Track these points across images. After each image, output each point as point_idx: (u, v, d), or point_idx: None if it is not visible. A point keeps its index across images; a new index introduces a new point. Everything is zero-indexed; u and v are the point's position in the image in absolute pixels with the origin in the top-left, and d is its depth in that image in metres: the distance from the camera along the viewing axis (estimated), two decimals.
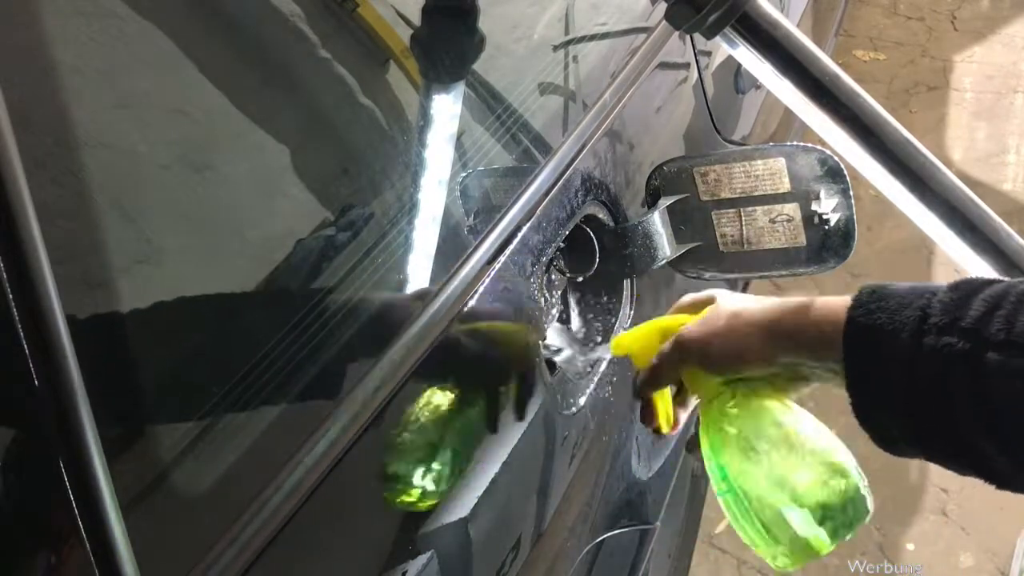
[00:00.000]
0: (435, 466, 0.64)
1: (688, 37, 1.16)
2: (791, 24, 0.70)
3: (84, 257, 0.48)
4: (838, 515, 0.58)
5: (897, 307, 0.53)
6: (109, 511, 0.43)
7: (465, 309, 0.69)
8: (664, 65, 1.10)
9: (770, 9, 0.69)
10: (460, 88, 0.80)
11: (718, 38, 0.71)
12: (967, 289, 0.52)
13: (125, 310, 0.49)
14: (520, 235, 0.77)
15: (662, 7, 0.72)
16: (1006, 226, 0.69)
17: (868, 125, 0.69)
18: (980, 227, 0.68)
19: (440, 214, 0.73)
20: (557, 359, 0.87)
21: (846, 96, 0.69)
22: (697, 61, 1.21)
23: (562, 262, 0.92)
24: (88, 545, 0.42)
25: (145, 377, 0.50)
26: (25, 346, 0.40)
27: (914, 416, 0.52)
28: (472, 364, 0.72)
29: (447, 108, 0.79)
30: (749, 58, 0.71)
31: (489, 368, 0.74)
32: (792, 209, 0.87)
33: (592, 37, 1.07)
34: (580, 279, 0.95)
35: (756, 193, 0.87)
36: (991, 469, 0.50)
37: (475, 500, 0.67)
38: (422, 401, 0.65)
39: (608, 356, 0.89)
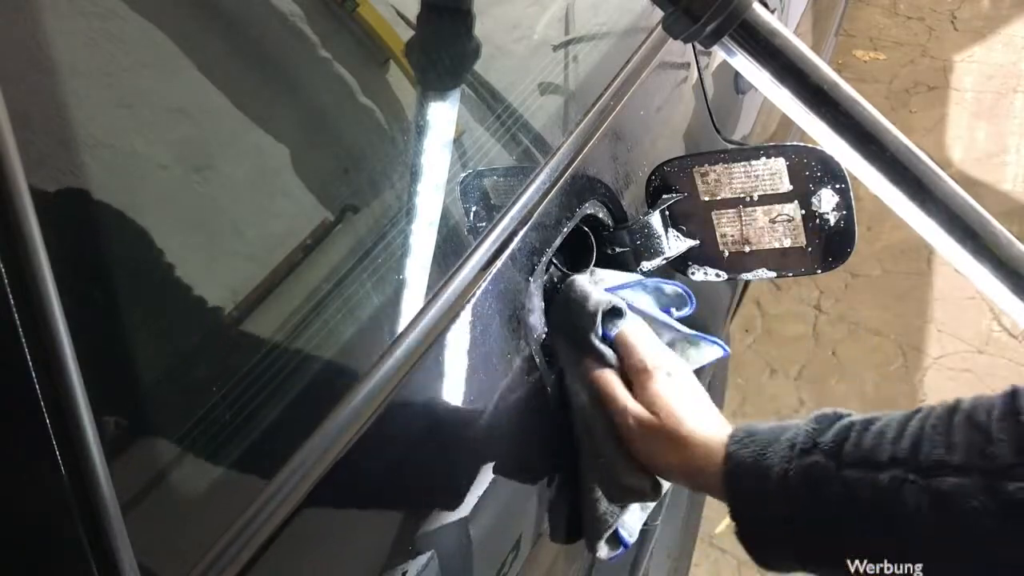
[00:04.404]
0: None
1: None
2: (790, 32, 0.70)
3: (84, 257, 0.48)
4: None
5: (767, 442, 0.65)
6: (109, 511, 0.43)
7: (465, 308, 0.69)
8: (664, 65, 1.10)
9: (769, 17, 0.68)
10: (457, 94, 0.80)
11: (715, 46, 0.70)
12: (826, 423, 0.64)
13: (125, 310, 0.49)
14: (520, 235, 0.77)
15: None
16: (1008, 233, 0.68)
17: (868, 133, 0.68)
18: (981, 235, 0.68)
19: (440, 214, 0.73)
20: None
21: (846, 104, 0.69)
22: (697, 61, 1.21)
23: (562, 262, 0.92)
24: (88, 546, 0.42)
25: (145, 377, 0.50)
26: (25, 346, 0.40)
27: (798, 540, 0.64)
28: (472, 363, 0.72)
29: (446, 112, 0.79)
30: (747, 67, 0.71)
31: (489, 367, 0.74)
32: (792, 209, 0.87)
33: (592, 37, 1.07)
34: None
35: (756, 193, 0.87)
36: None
37: (475, 500, 0.67)
38: None
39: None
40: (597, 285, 0.82)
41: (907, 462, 0.58)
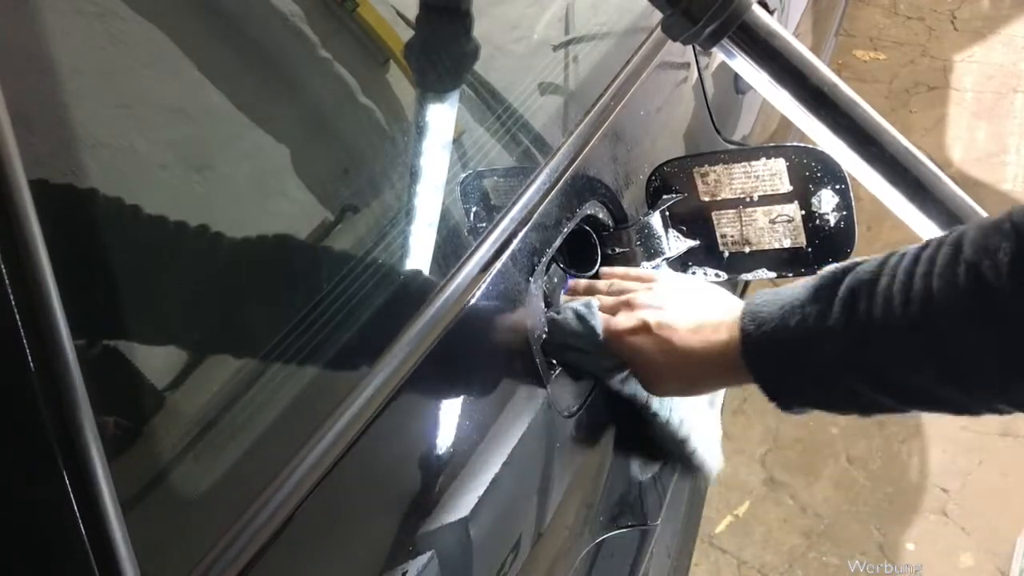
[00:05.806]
0: None
1: None
2: (788, 33, 0.70)
3: (85, 257, 0.48)
4: None
5: (780, 327, 0.66)
6: (109, 511, 0.43)
7: (465, 309, 0.69)
8: (664, 65, 1.10)
9: (768, 19, 0.68)
10: (456, 95, 0.80)
11: (715, 48, 0.70)
12: (827, 294, 0.64)
13: (125, 310, 0.49)
14: (520, 235, 0.77)
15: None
16: None
17: (867, 134, 0.68)
18: None
19: (440, 215, 0.73)
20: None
21: (845, 105, 0.69)
22: (697, 61, 1.21)
23: (563, 262, 0.92)
24: (88, 545, 0.42)
25: (145, 377, 0.50)
26: (25, 346, 0.40)
27: (828, 402, 0.67)
28: (472, 364, 0.72)
29: (446, 112, 0.79)
30: (747, 68, 0.71)
31: (489, 368, 0.74)
32: (792, 209, 0.87)
33: (592, 37, 1.07)
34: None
35: (756, 193, 0.87)
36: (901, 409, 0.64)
37: (475, 500, 0.67)
38: None
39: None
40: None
41: (921, 328, 0.58)
